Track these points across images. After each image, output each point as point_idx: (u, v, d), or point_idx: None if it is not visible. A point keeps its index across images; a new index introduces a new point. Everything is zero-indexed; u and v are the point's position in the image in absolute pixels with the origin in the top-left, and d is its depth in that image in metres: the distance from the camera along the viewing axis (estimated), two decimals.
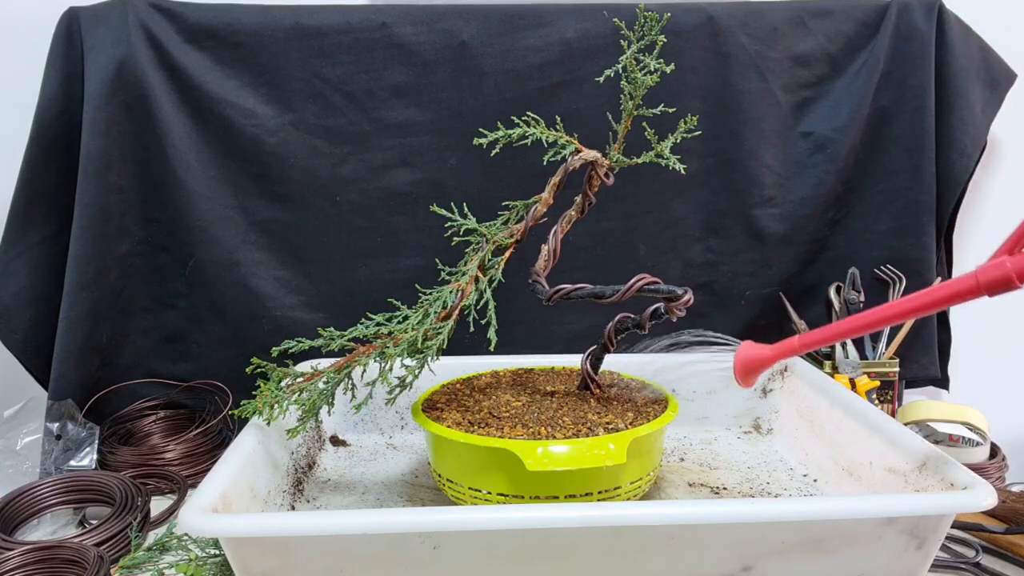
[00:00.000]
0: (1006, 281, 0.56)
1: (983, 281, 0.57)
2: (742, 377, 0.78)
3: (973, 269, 0.58)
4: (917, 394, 1.27)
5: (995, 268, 0.57)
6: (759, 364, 0.76)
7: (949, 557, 0.80)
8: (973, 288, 0.58)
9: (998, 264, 0.57)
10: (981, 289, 0.57)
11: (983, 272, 0.57)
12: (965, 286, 0.58)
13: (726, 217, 1.19)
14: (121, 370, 1.14)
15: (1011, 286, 0.56)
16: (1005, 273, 0.56)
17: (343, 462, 0.97)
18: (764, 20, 1.14)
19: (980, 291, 0.58)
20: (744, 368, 0.77)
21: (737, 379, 0.78)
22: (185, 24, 1.07)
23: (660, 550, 0.64)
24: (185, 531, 0.70)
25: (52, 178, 1.05)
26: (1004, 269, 0.56)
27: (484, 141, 0.80)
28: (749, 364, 0.76)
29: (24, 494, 0.90)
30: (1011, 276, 0.56)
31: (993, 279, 0.57)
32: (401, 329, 0.78)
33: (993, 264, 0.57)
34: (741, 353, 0.77)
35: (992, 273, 0.57)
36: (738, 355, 0.77)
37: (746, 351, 0.77)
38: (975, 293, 0.58)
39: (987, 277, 0.57)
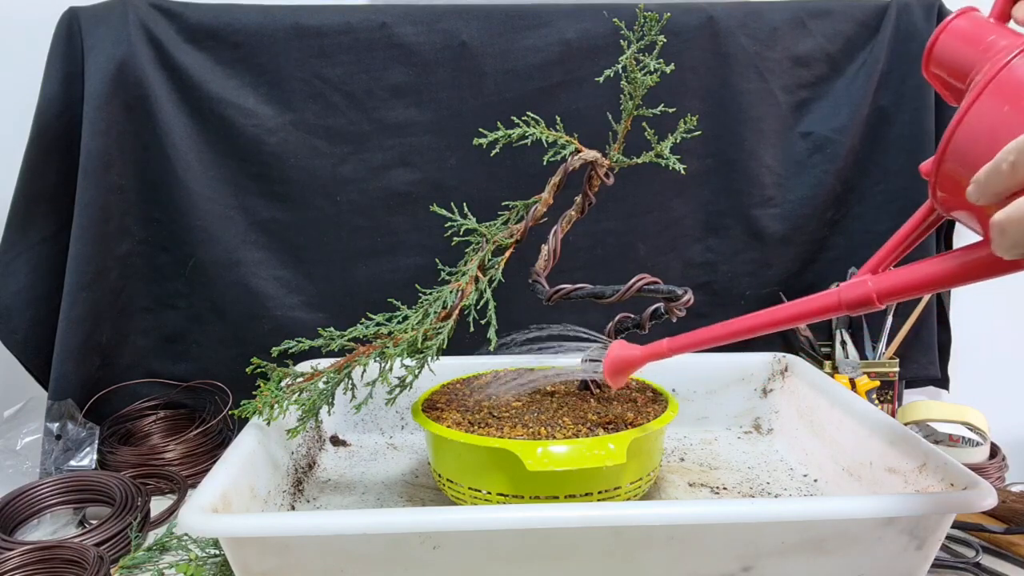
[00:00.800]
0: (866, 300, 0.56)
1: (844, 299, 0.58)
2: (611, 376, 0.76)
3: (836, 286, 0.59)
4: (917, 394, 1.27)
5: (857, 286, 0.57)
6: (629, 364, 0.75)
7: (949, 557, 0.80)
8: (835, 305, 0.58)
9: (860, 283, 0.57)
10: (842, 306, 0.58)
11: (845, 290, 0.58)
12: (828, 302, 0.59)
13: (726, 217, 1.19)
14: (121, 370, 1.14)
15: (871, 305, 0.56)
16: (866, 292, 0.56)
17: (343, 462, 0.97)
18: (764, 20, 1.14)
19: (841, 308, 0.58)
20: (613, 367, 0.75)
21: (606, 378, 0.76)
22: (185, 24, 1.07)
23: (660, 550, 0.64)
24: (185, 531, 0.70)
25: (52, 178, 1.05)
26: (865, 288, 0.56)
27: (484, 141, 0.80)
28: (619, 364, 0.75)
29: (24, 494, 0.90)
30: (871, 296, 0.56)
31: (854, 297, 0.57)
32: (401, 329, 0.78)
33: (855, 282, 0.57)
34: (612, 352, 0.76)
35: (854, 291, 0.57)
36: (609, 354, 0.76)
37: (617, 351, 0.75)
38: (837, 309, 0.58)
39: (849, 295, 0.57)
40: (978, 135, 0.46)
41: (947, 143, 0.48)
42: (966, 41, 0.54)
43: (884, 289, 0.56)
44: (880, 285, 0.56)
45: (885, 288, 0.56)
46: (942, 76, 0.56)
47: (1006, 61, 0.46)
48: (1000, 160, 0.41)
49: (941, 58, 0.56)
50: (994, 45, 0.51)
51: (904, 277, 0.55)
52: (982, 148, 0.44)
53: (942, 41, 0.55)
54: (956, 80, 0.55)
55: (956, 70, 0.55)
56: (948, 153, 0.48)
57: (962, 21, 0.55)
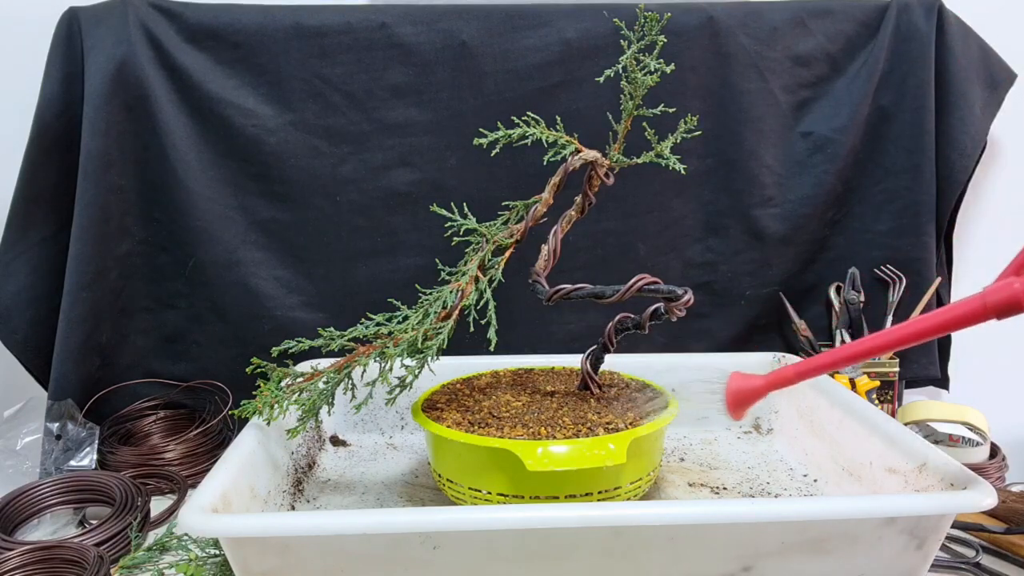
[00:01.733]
0: (1015, 302, 0.53)
1: (991, 303, 0.54)
2: (734, 410, 0.74)
3: (980, 291, 0.55)
4: (917, 394, 1.27)
5: (1003, 289, 0.54)
6: (751, 395, 0.73)
7: (949, 557, 0.80)
8: (980, 311, 0.55)
9: (1006, 285, 0.54)
10: (989, 312, 0.54)
11: (991, 293, 0.54)
12: (972, 309, 0.55)
13: (726, 217, 1.19)
14: (121, 370, 1.14)
15: (1020, 308, 0.53)
16: (1014, 294, 0.53)
17: (343, 462, 0.97)
18: (764, 20, 1.14)
19: (988, 314, 0.55)
20: (736, 400, 0.74)
21: (729, 412, 0.74)
22: (185, 24, 1.07)
23: (660, 550, 0.64)
24: (185, 531, 0.70)
25: (52, 178, 1.05)
26: (1012, 290, 0.53)
27: (484, 141, 0.80)
28: (741, 395, 0.73)
29: (24, 494, 0.90)
30: (1021, 297, 0.53)
31: (1001, 300, 0.54)
32: (401, 329, 0.78)
33: (1001, 285, 0.54)
34: (733, 384, 0.74)
35: (1000, 294, 0.54)
36: (729, 386, 0.74)
37: (738, 382, 0.73)
38: (983, 316, 0.55)
39: (995, 299, 0.54)
40: None
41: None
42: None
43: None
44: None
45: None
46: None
47: None
48: None
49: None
50: None
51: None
52: None
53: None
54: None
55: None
56: None
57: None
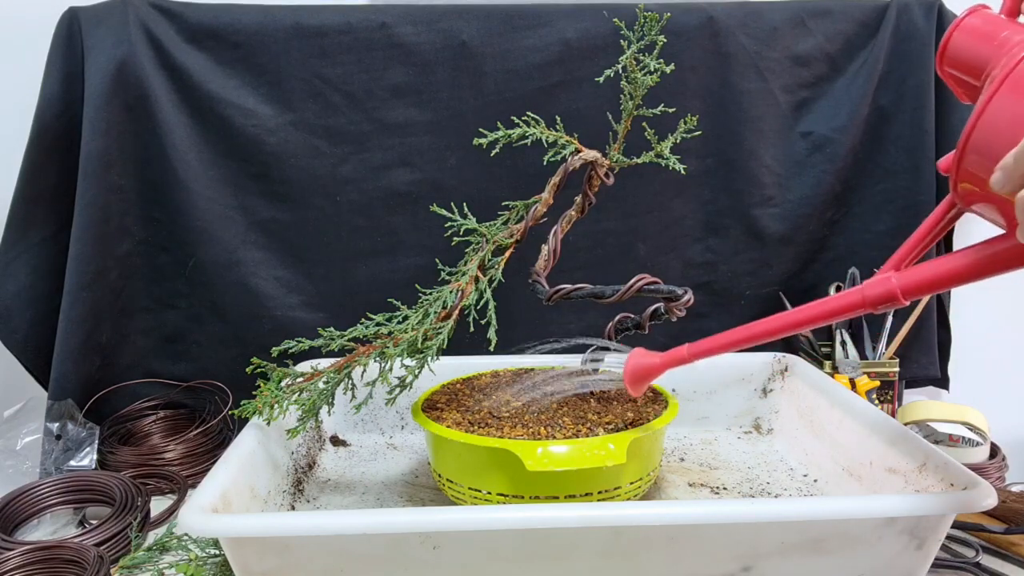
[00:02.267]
0: (890, 296, 0.56)
1: (868, 296, 0.58)
2: (631, 384, 0.75)
3: (861, 284, 0.59)
4: (917, 394, 1.27)
5: (880, 284, 0.57)
6: (648, 372, 0.74)
7: (949, 557, 0.80)
8: (859, 302, 0.58)
9: (883, 280, 0.57)
10: (867, 303, 0.58)
11: (869, 287, 0.58)
12: (851, 300, 0.59)
13: (726, 217, 1.19)
14: (121, 370, 1.14)
15: (896, 302, 0.56)
16: (890, 289, 0.56)
17: (343, 462, 0.97)
18: (764, 20, 1.14)
19: (866, 305, 0.58)
20: (634, 375, 0.75)
21: (627, 386, 0.76)
22: (185, 24, 1.07)
23: (660, 550, 0.64)
24: (185, 531, 0.70)
25: (52, 178, 1.05)
26: (889, 285, 0.56)
27: (484, 141, 0.80)
28: (639, 372, 0.75)
29: (24, 494, 0.90)
30: (895, 292, 0.56)
31: (878, 294, 0.57)
32: (401, 329, 0.78)
33: (879, 280, 0.57)
34: (632, 360, 0.75)
35: (877, 288, 0.57)
36: (628, 362, 0.75)
37: (637, 359, 0.75)
38: (861, 307, 0.58)
39: (873, 292, 0.57)
40: (999, 127, 0.46)
41: (968, 137, 0.48)
42: (980, 38, 0.54)
43: (908, 285, 0.56)
44: (904, 281, 0.56)
45: (909, 284, 0.56)
46: (956, 74, 0.56)
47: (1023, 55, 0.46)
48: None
49: (955, 56, 0.56)
50: (1008, 40, 0.51)
51: (928, 272, 0.55)
52: (1004, 139, 0.44)
53: (955, 39, 0.55)
54: (971, 77, 0.55)
55: (971, 67, 0.55)
56: (969, 146, 0.48)
57: (974, 19, 0.55)
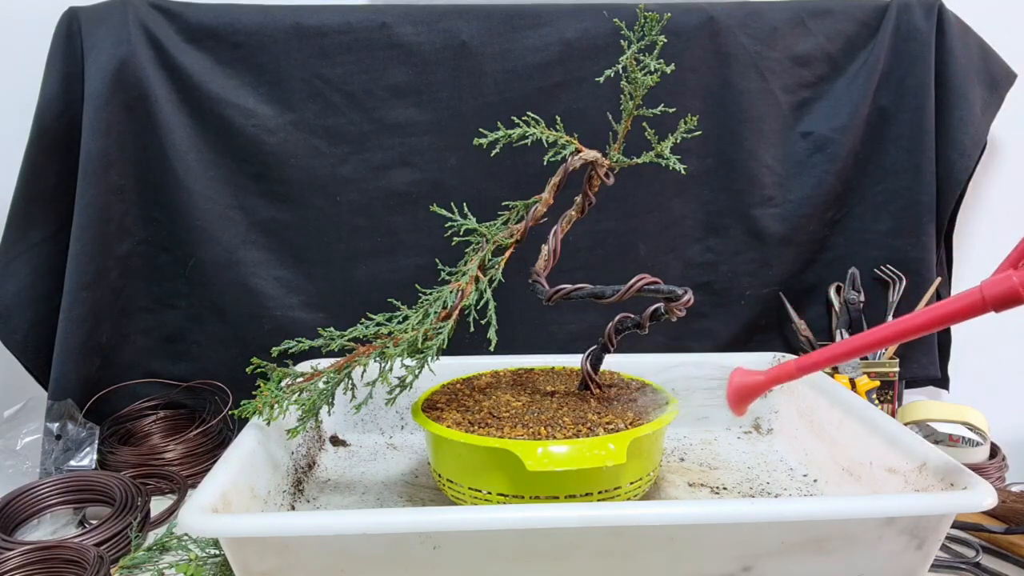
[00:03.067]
0: (1013, 295, 0.54)
1: (989, 296, 0.55)
2: (736, 405, 0.75)
3: (978, 284, 0.56)
4: (917, 394, 1.27)
5: (1001, 282, 0.55)
6: (753, 391, 0.74)
7: (949, 557, 0.80)
8: (979, 304, 0.56)
9: (1004, 278, 0.55)
10: (988, 304, 0.56)
11: (988, 287, 0.56)
12: (971, 302, 0.57)
13: (726, 217, 1.19)
14: (121, 370, 1.14)
15: (1018, 300, 0.54)
16: (1011, 287, 0.54)
17: (343, 462, 0.97)
18: (764, 20, 1.14)
19: (987, 307, 0.56)
20: (738, 396, 0.74)
21: (731, 407, 0.75)
22: (185, 24, 1.07)
23: (660, 550, 0.64)
24: (185, 531, 0.70)
25: (52, 178, 1.05)
26: (1011, 283, 0.54)
27: (484, 141, 0.80)
28: (743, 391, 0.74)
29: (24, 494, 0.90)
30: (1018, 290, 0.54)
31: (999, 293, 0.55)
32: (401, 329, 0.78)
33: (999, 278, 0.55)
34: (735, 380, 0.74)
35: (998, 287, 0.55)
36: (731, 382, 0.75)
37: (740, 378, 0.74)
38: (982, 309, 0.56)
39: (993, 292, 0.55)
40: None
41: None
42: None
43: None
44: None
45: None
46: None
47: None
48: None
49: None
50: None
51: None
52: None
53: None
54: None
55: None
56: None
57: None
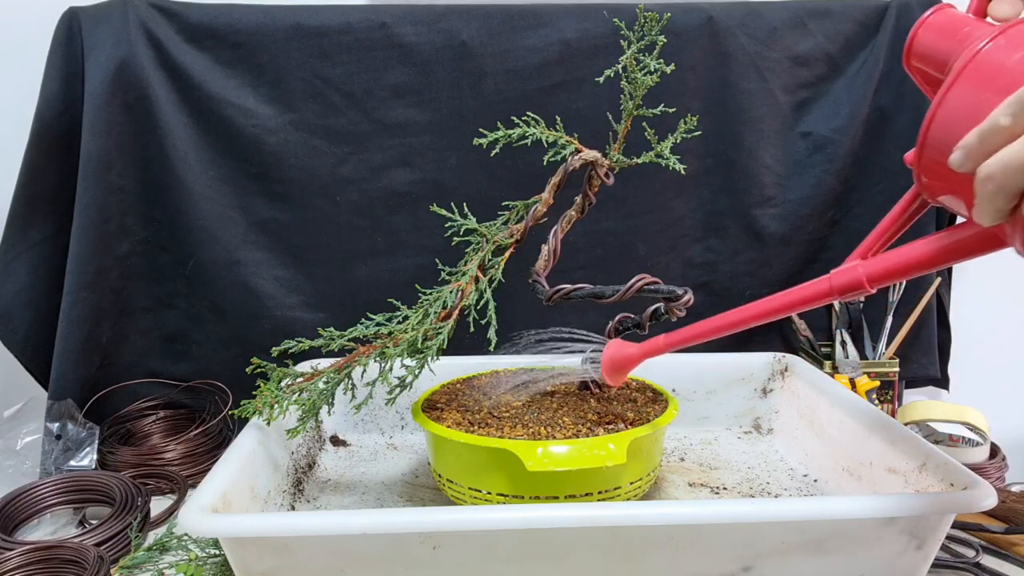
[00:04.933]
0: (857, 284, 0.57)
1: (836, 284, 0.59)
2: (609, 375, 0.77)
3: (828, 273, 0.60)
4: (917, 394, 1.27)
5: (847, 272, 0.58)
6: (627, 362, 0.76)
7: (949, 557, 0.80)
8: (826, 291, 0.59)
9: (850, 268, 0.58)
10: (834, 292, 0.59)
11: (836, 276, 0.59)
12: (819, 289, 0.60)
13: (726, 217, 1.19)
14: (121, 370, 1.14)
15: (862, 289, 0.57)
16: (856, 277, 0.57)
17: (343, 462, 0.97)
18: (764, 20, 1.14)
19: (833, 293, 0.59)
20: (612, 366, 0.76)
21: (604, 377, 0.77)
22: (185, 24, 1.07)
23: (660, 550, 0.64)
24: (185, 531, 0.70)
25: (52, 178, 1.05)
26: (855, 273, 0.57)
27: (484, 141, 0.80)
28: (617, 362, 0.76)
29: (24, 494, 0.90)
30: (862, 280, 0.57)
31: (845, 282, 0.58)
32: (401, 329, 0.78)
33: (846, 268, 0.58)
34: (609, 351, 0.77)
35: (844, 277, 0.58)
36: (606, 352, 0.77)
37: (615, 349, 0.76)
38: (828, 295, 0.59)
39: (839, 280, 0.58)
40: (958, 117, 0.47)
41: (927, 129, 0.49)
42: (944, 34, 0.55)
43: (874, 273, 0.57)
44: (870, 269, 0.57)
45: (875, 272, 0.57)
46: (922, 69, 0.58)
47: (981, 46, 0.47)
48: (997, 116, 0.42)
49: (920, 52, 0.57)
50: (970, 35, 0.52)
51: (893, 260, 0.56)
52: (962, 127, 0.45)
53: (921, 35, 0.57)
54: (936, 71, 0.56)
55: (935, 62, 0.56)
56: (929, 138, 0.49)
57: (939, 16, 0.57)
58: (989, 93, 0.45)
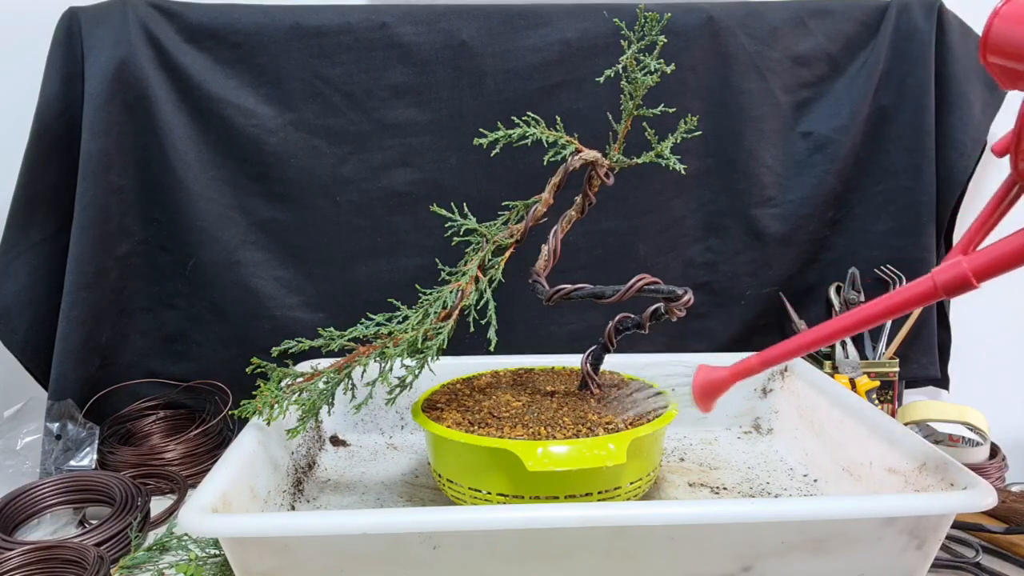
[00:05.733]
0: (963, 281, 0.55)
1: (940, 282, 0.57)
2: (701, 401, 0.75)
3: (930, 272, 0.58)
4: (917, 394, 1.27)
5: (951, 268, 0.56)
6: (717, 387, 0.74)
7: (949, 557, 0.80)
8: (931, 291, 0.57)
9: (954, 264, 0.56)
10: (939, 291, 0.57)
11: (940, 273, 0.57)
12: (923, 289, 0.58)
13: (726, 217, 1.19)
14: (121, 370, 1.14)
15: (969, 286, 0.55)
16: (961, 272, 0.55)
17: (343, 462, 0.97)
18: (764, 20, 1.14)
19: (938, 293, 0.57)
20: (703, 392, 0.75)
21: (696, 404, 0.75)
22: (185, 24, 1.07)
23: (660, 550, 0.64)
24: (185, 531, 0.70)
25: (52, 178, 1.05)
26: (960, 269, 0.55)
27: (484, 141, 0.80)
28: (707, 388, 0.74)
29: (24, 494, 0.90)
30: (968, 276, 0.55)
31: (950, 279, 0.56)
32: (401, 329, 0.78)
33: (949, 265, 0.56)
34: (699, 377, 0.75)
35: (949, 273, 0.56)
36: (696, 379, 0.75)
37: (704, 375, 0.74)
38: (934, 295, 0.57)
39: (944, 278, 0.56)
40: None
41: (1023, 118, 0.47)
42: (1021, 22, 0.53)
43: (979, 267, 0.55)
44: (975, 263, 0.55)
45: (980, 265, 0.55)
46: (999, 62, 0.55)
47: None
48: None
49: (999, 43, 0.54)
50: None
51: (997, 252, 0.54)
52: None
53: (996, 26, 0.54)
54: (1017, 62, 0.53)
55: (1017, 53, 0.53)
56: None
57: (1015, 4, 0.54)
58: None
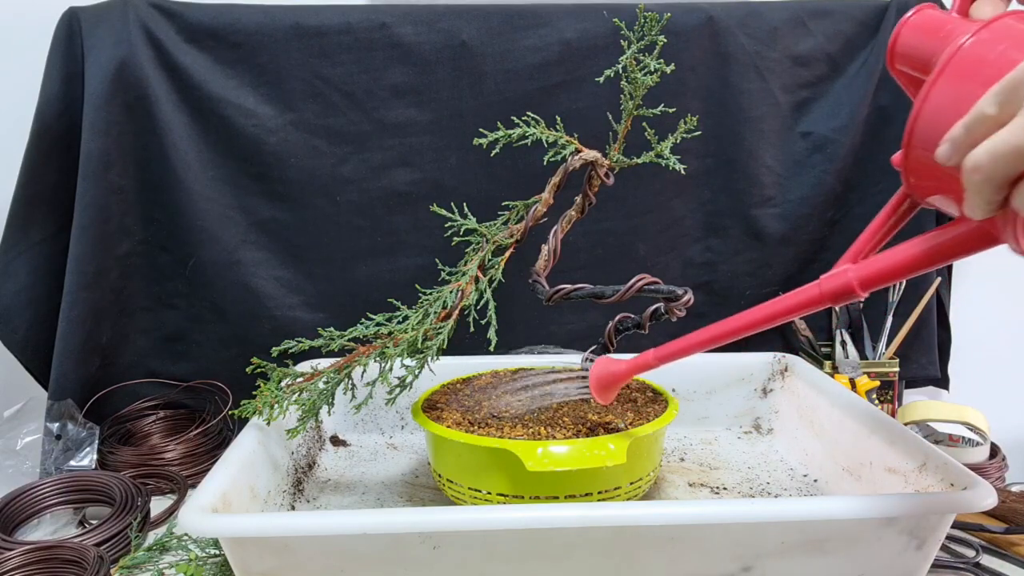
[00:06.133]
0: (847, 289, 0.56)
1: (826, 290, 0.57)
2: (598, 393, 0.76)
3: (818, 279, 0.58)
4: (917, 394, 1.27)
5: (837, 277, 0.56)
6: (614, 379, 0.75)
7: (949, 557, 0.80)
8: (817, 297, 0.58)
9: (840, 273, 0.56)
10: (824, 298, 0.57)
11: (826, 281, 0.57)
12: (809, 296, 0.58)
13: (726, 217, 1.19)
14: (121, 370, 1.14)
15: (853, 294, 0.56)
16: (847, 282, 0.56)
17: (343, 462, 0.97)
18: (764, 20, 1.14)
19: (824, 300, 0.58)
20: (599, 384, 0.75)
21: (593, 394, 0.76)
22: (185, 24, 1.07)
23: (660, 550, 0.64)
24: (185, 531, 0.70)
25: (52, 178, 1.05)
26: (846, 277, 0.56)
27: (484, 141, 0.80)
28: (604, 380, 0.75)
29: (24, 494, 0.90)
30: (852, 285, 0.55)
31: (835, 287, 0.57)
32: (401, 329, 0.78)
33: (836, 273, 0.57)
34: (597, 368, 0.76)
35: (834, 282, 0.57)
36: (593, 371, 0.76)
37: (603, 367, 0.75)
38: (820, 302, 0.58)
39: (830, 286, 0.57)
40: (943, 112, 0.46)
41: (912, 127, 0.49)
42: (926, 33, 0.54)
43: (865, 276, 0.55)
44: (861, 273, 0.55)
45: (866, 275, 0.55)
46: (907, 71, 0.56)
47: (963, 41, 0.46)
48: (983, 105, 0.41)
49: (904, 52, 0.56)
50: (953, 32, 0.51)
51: (883, 262, 0.54)
52: (948, 124, 0.44)
53: (904, 36, 0.55)
54: (920, 72, 0.55)
55: (919, 62, 0.54)
56: (915, 137, 0.49)
57: (921, 16, 0.55)
58: (974, 85, 0.44)
